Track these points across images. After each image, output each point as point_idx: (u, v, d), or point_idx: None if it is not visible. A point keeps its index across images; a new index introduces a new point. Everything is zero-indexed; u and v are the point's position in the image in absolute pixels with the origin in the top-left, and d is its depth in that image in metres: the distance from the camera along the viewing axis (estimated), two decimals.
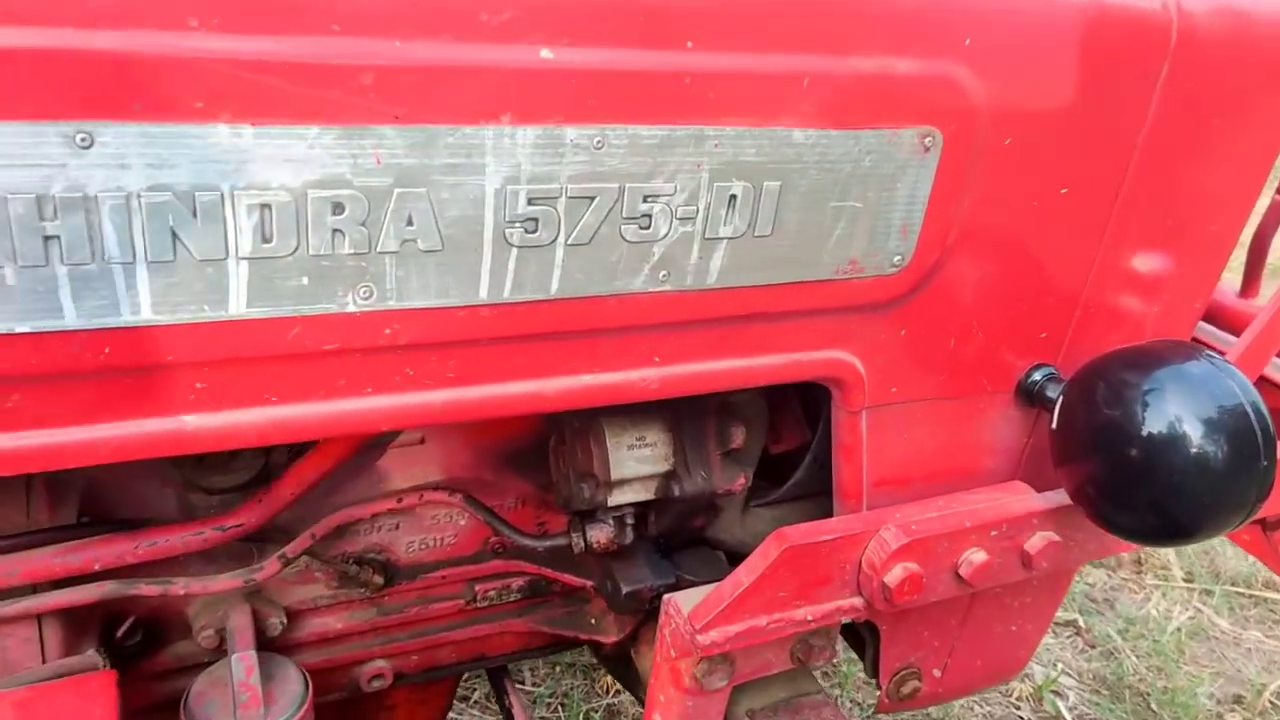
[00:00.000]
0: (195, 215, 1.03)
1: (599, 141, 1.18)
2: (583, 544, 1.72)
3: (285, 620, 1.73)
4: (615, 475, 1.64)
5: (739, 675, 1.83)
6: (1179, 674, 4.18)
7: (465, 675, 2.96)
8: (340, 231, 1.10)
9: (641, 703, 2.24)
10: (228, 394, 1.15)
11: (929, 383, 1.69)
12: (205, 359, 1.12)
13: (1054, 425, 1.68)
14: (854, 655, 2.31)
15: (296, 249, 1.09)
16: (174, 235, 1.03)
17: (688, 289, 1.34)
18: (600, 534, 1.73)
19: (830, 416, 1.71)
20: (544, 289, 1.25)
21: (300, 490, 1.56)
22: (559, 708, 3.70)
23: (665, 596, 1.70)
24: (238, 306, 1.10)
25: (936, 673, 2.21)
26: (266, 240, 1.07)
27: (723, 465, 1.71)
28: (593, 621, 2.04)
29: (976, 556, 1.77)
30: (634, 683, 2.21)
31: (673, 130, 1.22)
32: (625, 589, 1.79)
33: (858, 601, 1.77)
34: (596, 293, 1.28)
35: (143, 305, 1.05)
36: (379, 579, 1.78)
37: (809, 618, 1.74)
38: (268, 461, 1.58)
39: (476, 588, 1.91)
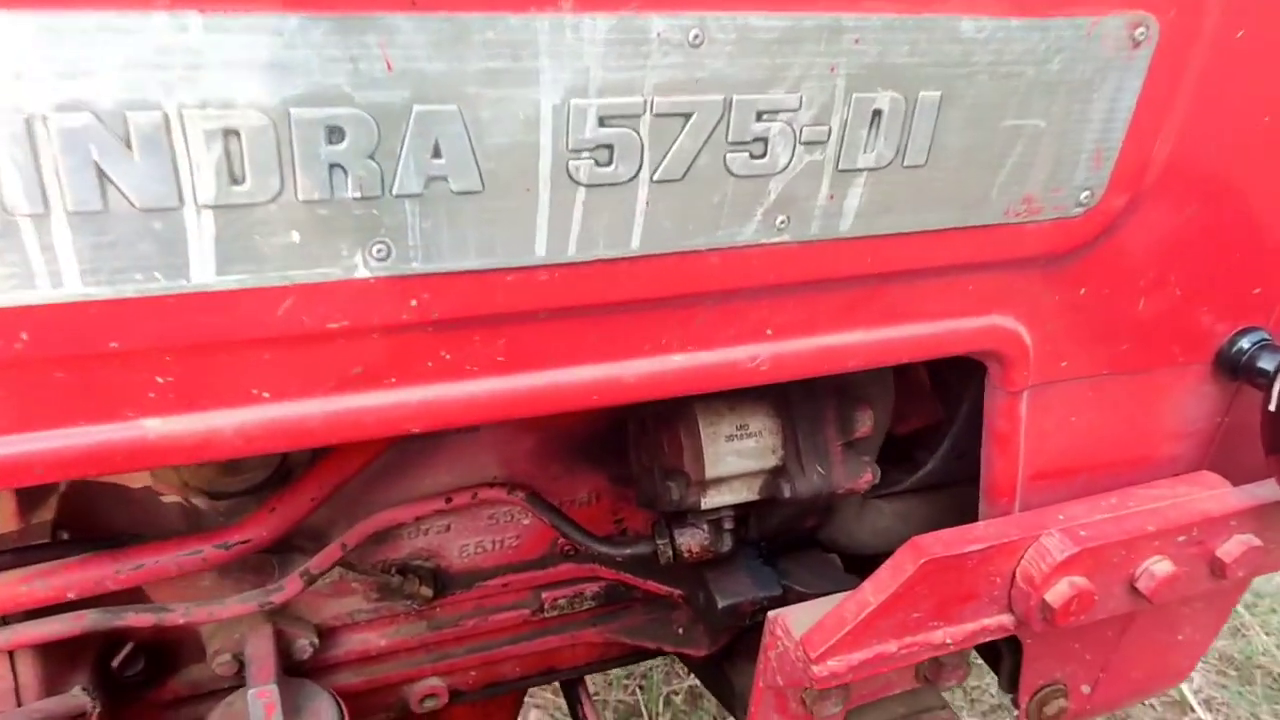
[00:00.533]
0: (129, 145, 0.72)
1: (696, 36, 0.85)
2: (670, 553, 1.41)
3: (316, 640, 1.46)
4: (711, 473, 1.32)
5: (855, 700, 1.51)
6: None
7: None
8: (340, 168, 0.79)
9: (733, 714, 1.94)
10: (200, 390, 0.86)
11: (1107, 354, 1.33)
12: (164, 345, 0.82)
13: (1274, 403, 1.31)
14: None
15: (280, 193, 0.78)
16: (100, 174, 0.72)
17: (812, 239, 1.01)
18: (692, 541, 1.41)
19: (978, 395, 1.36)
20: (621, 243, 0.92)
21: (323, 495, 1.27)
22: (637, 690, 3.44)
23: (770, 614, 1.39)
24: (203, 273, 0.79)
25: (1086, 689, 1.86)
26: (236, 181, 0.76)
27: (844, 458, 1.37)
28: (680, 631, 1.74)
29: (1160, 567, 1.43)
30: (727, 695, 1.91)
31: (799, 20, 0.88)
32: (722, 603, 1.48)
33: (1007, 620, 1.44)
34: (692, 246, 0.96)
35: (66, 274, 0.75)
36: (427, 590, 1.50)
37: (947, 641, 1.41)
38: (285, 459, 1.29)
39: (544, 596, 1.62)
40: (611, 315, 0.99)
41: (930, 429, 1.73)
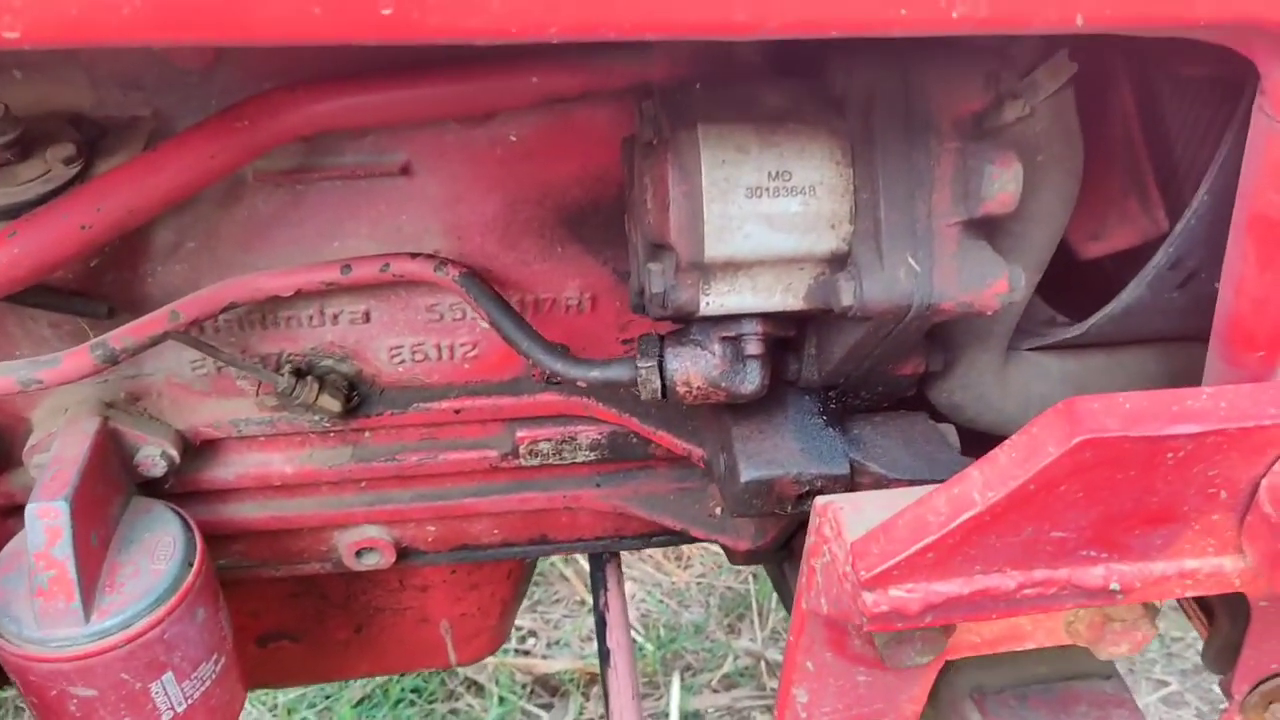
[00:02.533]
0: None
1: None
2: (657, 385, 0.88)
3: (173, 452, 1.04)
4: (714, 251, 0.77)
5: (955, 649, 0.97)
6: None
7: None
8: None
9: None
10: None
11: None
12: None
13: None
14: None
15: None
16: None
17: None
18: (691, 368, 0.87)
19: (1238, 159, 0.73)
20: None
21: (119, 220, 0.81)
22: (750, 579, 2.96)
23: (820, 500, 0.86)
24: None
25: None
26: None
27: (964, 248, 0.78)
28: (717, 510, 1.21)
29: None
30: (790, 597, 1.39)
31: None
32: (746, 474, 0.94)
33: (1229, 566, 0.86)
34: None
35: None
36: (332, 401, 1.05)
37: (1113, 587, 0.84)
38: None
39: (518, 434, 1.13)
40: None
41: (1136, 257, 1.09)
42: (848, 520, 0.86)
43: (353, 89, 0.87)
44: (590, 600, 2.19)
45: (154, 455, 1.03)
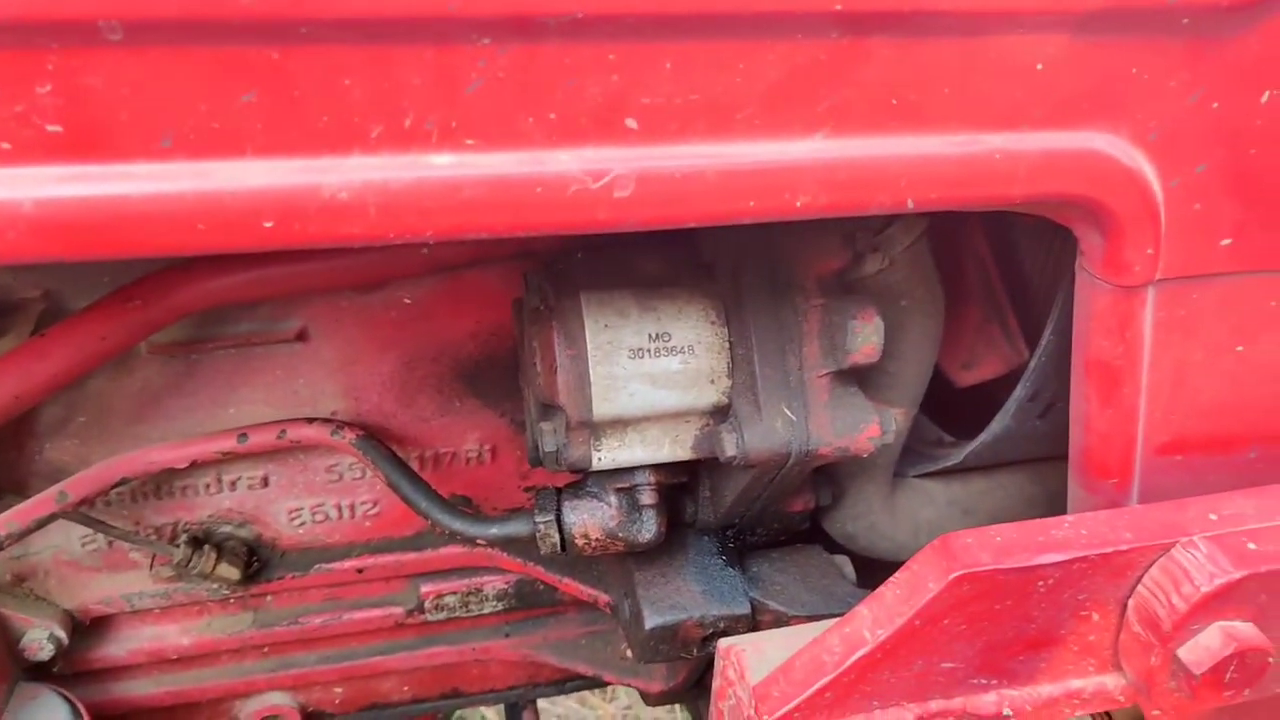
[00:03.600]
0: None
1: None
2: (556, 539, 0.90)
3: (62, 634, 1.01)
4: (602, 410, 0.80)
5: None
6: None
7: None
8: None
9: None
10: None
11: None
12: None
13: None
14: None
15: None
16: None
17: None
18: (590, 521, 0.90)
19: (1070, 300, 0.80)
20: None
21: (5, 406, 0.81)
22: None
23: (723, 643, 0.88)
24: None
25: None
26: None
27: (834, 396, 0.83)
28: (629, 653, 1.22)
29: None
30: None
31: None
32: (650, 621, 0.95)
33: (1112, 685, 0.88)
34: None
35: None
36: (231, 569, 1.03)
37: (1005, 713, 0.86)
38: None
39: (422, 589, 1.13)
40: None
41: (1009, 380, 1.16)
42: (750, 662, 0.88)
43: (246, 264, 0.89)
44: None
45: (40, 638, 1.00)
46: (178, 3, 0.48)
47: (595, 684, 1.28)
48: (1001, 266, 1.14)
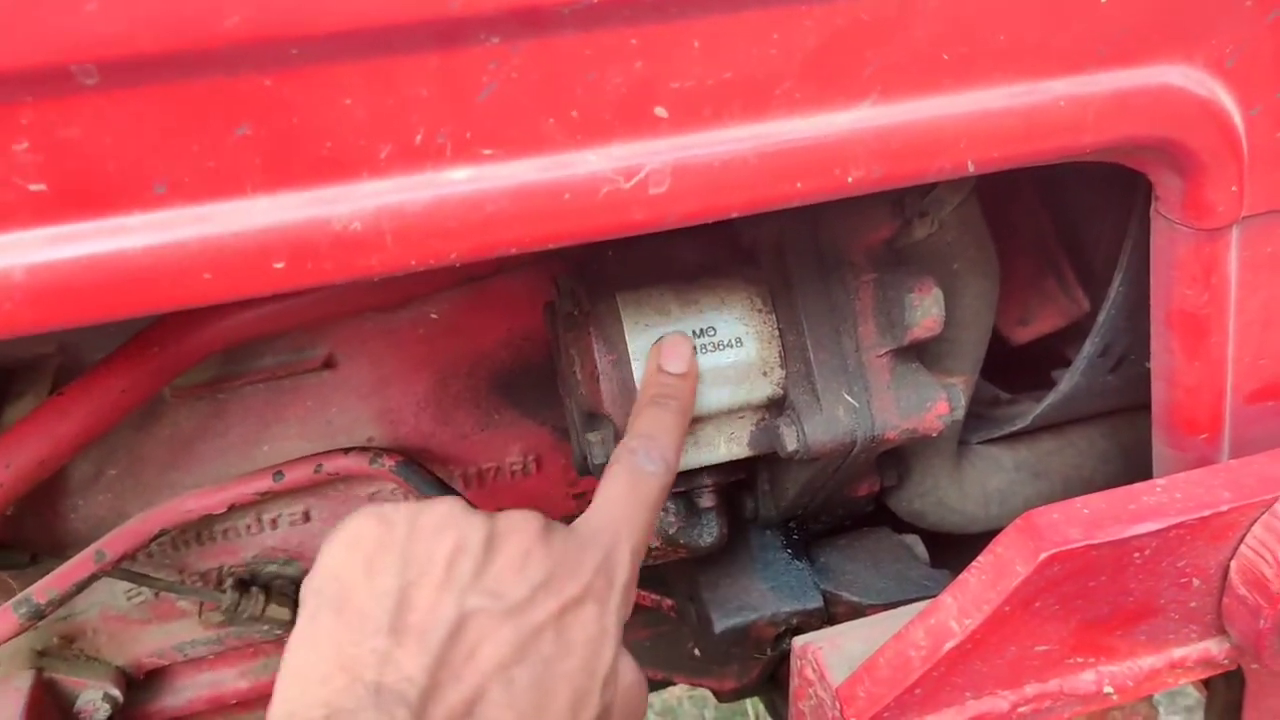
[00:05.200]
0: None
1: None
2: None
3: (116, 693, 0.98)
4: None
5: None
6: None
7: None
8: None
9: None
10: None
11: None
12: None
13: None
14: None
15: None
16: None
17: None
18: None
19: (1144, 246, 0.75)
20: None
21: (31, 472, 0.78)
22: None
23: (798, 642, 0.84)
24: None
25: None
26: None
27: (896, 376, 0.78)
28: (697, 653, 1.17)
29: None
30: None
31: None
32: (720, 624, 0.91)
33: (1215, 649, 0.83)
34: None
35: None
36: (282, 610, 1.00)
37: (1107, 690, 0.82)
38: None
39: None
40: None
41: (1072, 332, 1.10)
42: (829, 660, 0.84)
43: (264, 298, 0.85)
44: None
45: (95, 699, 0.97)
46: (153, 37, 0.43)
47: (665, 685, 1.24)
48: (1051, 212, 1.08)
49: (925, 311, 0.75)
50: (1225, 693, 1.07)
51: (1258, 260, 0.69)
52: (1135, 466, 1.07)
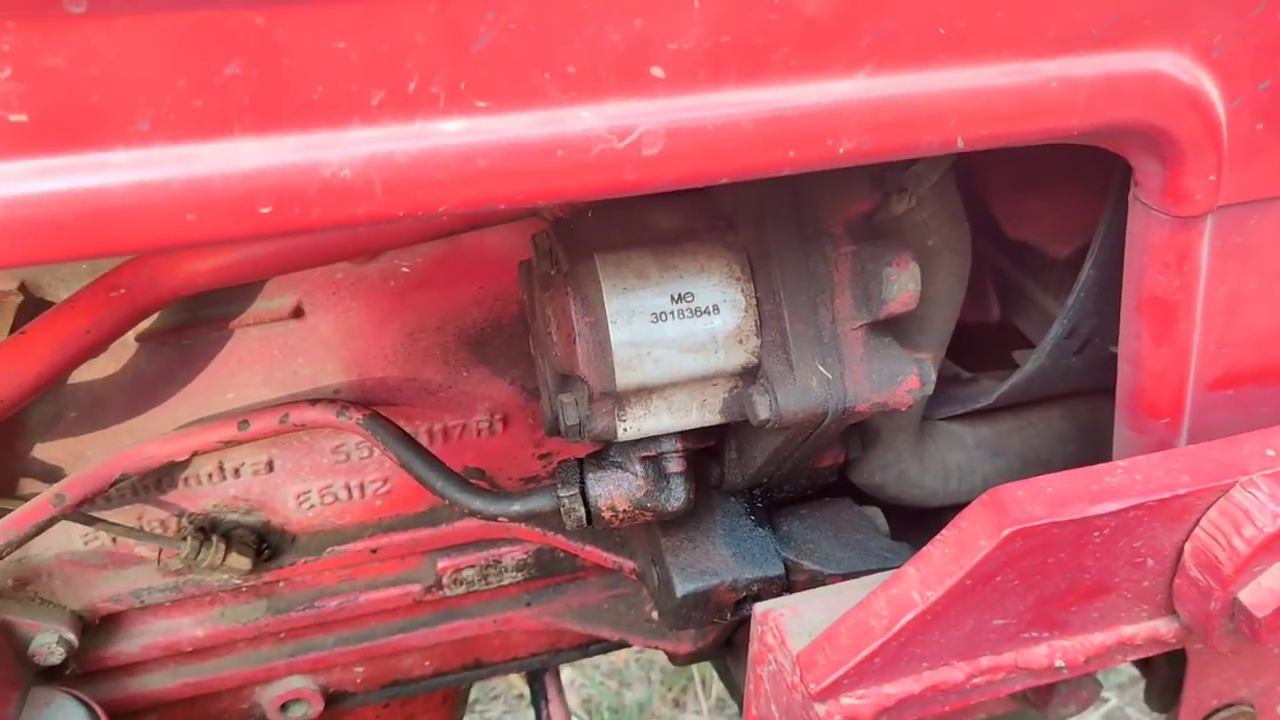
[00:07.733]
0: None
1: None
2: (582, 513, 0.86)
3: (71, 636, 0.97)
4: (625, 379, 0.76)
5: None
6: None
7: None
8: None
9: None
10: None
11: None
12: None
13: None
14: None
15: None
16: None
17: None
18: (615, 493, 0.86)
19: (1116, 233, 0.76)
20: None
21: (1, 407, 0.76)
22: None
23: (759, 608, 0.85)
24: None
25: None
26: None
27: (870, 349, 0.79)
28: (654, 616, 1.19)
29: None
30: (738, 688, 1.37)
31: None
32: (682, 588, 0.92)
33: (1165, 629, 0.86)
34: None
35: None
36: (241, 559, 0.99)
37: (1058, 664, 0.84)
38: None
39: (439, 565, 1.09)
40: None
41: (1037, 313, 1.12)
42: (790, 627, 0.85)
43: (234, 243, 0.83)
44: (529, 693, 2.12)
45: (49, 642, 0.96)
46: None
47: (620, 647, 1.26)
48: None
49: (902, 286, 0.76)
50: (1165, 671, 1.10)
51: (1228, 250, 0.71)
52: (1092, 448, 1.09)
